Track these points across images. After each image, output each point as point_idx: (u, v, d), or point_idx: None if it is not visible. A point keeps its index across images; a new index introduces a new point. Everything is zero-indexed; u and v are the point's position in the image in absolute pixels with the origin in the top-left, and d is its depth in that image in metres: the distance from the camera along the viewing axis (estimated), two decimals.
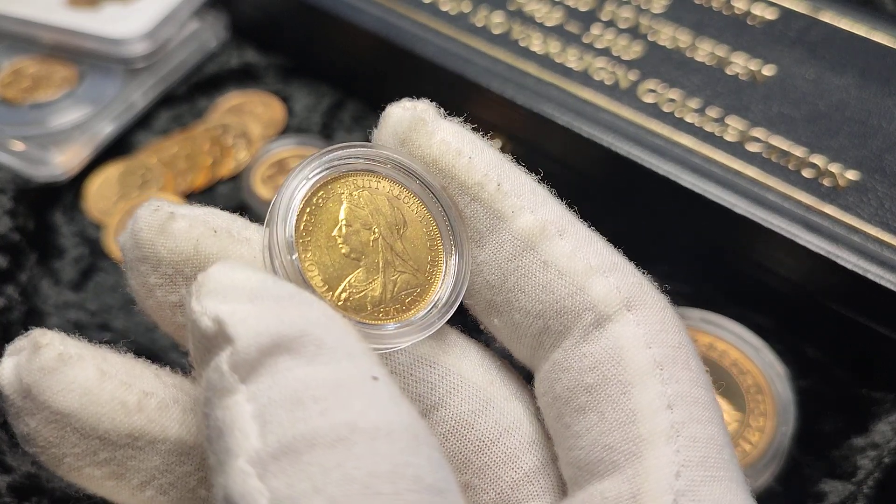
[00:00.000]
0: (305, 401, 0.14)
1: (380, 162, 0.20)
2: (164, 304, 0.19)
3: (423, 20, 0.36)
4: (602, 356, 0.18)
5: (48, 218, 0.36)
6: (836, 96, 0.31)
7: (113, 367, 0.18)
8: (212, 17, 0.42)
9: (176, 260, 0.18)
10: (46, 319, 0.32)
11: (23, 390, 0.17)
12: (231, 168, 0.37)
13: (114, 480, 0.18)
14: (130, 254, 0.19)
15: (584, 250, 0.19)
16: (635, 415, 0.17)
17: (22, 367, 0.17)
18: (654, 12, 0.35)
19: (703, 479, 0.17)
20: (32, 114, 0.38)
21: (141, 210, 0.19)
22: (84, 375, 0.17)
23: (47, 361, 0.17)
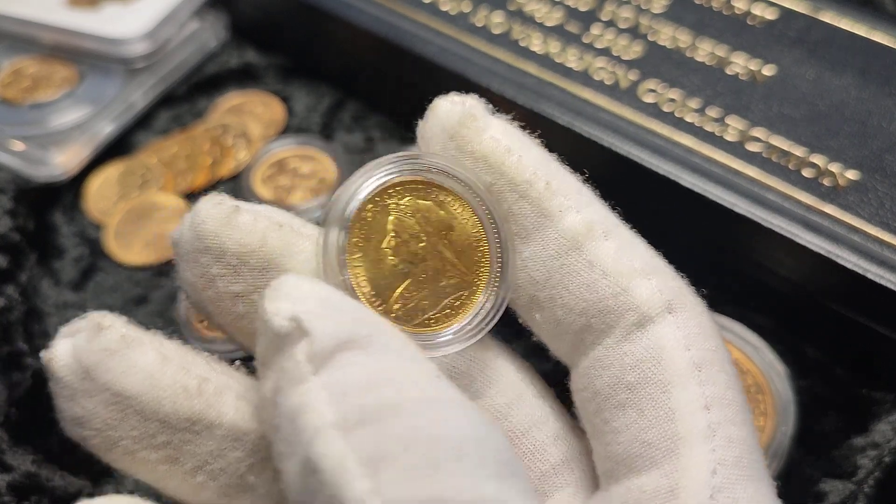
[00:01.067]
0: (379, 383, 0.15)
1: (424, 168, 0.20)
2: (225, 293, 0.19)
3: (423, 20, 0.36)
4: (643, 355, 0.19)
5: (48, 218, 0.36)
6: (836, 96, 0.31)
7: (171, 352, 0.18)
8: (212, 17, 0.42)
9: (242, 251, 0.19)
10: (46, 319, 0.32)
11: (82, 371, 0.17)
12: (231, 168, 0.37)
13: (167, 465, 0.18)
14: (189, 245, 0.19)
15: (628, 252, 0.20)
16: (674, 413, 0.18)
17: (81, 348, 0.17)
18: (654, 12, 0.35)
19: (738, 477, 0.18)
20: (32, 114, 0.38)
21: (202, 204, 0.19)
22: (146, 358, 0.18)
23: (110, 343, 0.17)
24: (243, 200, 0.35)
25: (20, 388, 0.29)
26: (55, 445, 0.29)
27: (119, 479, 0.28)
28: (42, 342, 0.31)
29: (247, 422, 0.18)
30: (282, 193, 0.36)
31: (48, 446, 0.28)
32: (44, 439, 0.29)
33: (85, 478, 0.28)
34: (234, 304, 0.19)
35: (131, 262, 0.34)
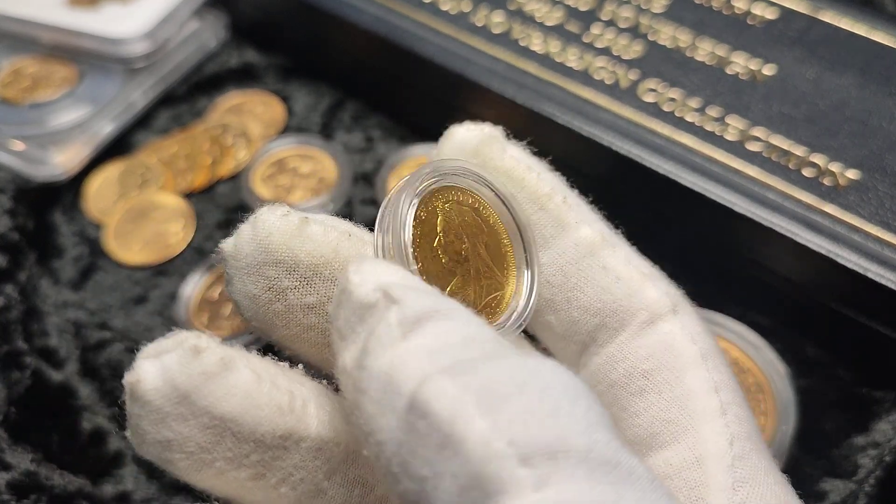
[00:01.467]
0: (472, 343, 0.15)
1: (462, 175, 0.20)
2: (297, 306, 0.19)
3: (423, 20, 0.36)
4: (657, 347, 0.21)
5: (48, 217, 0.36)
6: (837, 96, 0.31)
7: (260, 368, 0.18)
8: (211, 16, 0.42)
9: (316, 262, 0.19)
10: (46, 319, 0.32)
11: (178, 396, 0.17)
12: (231, 167, 0.37)
13: (254, 481, 0.18)
14: (252, 258, 0.19)
15: (636, 261, 0.22)
16: (690, 394, 0.20)
17: (177, 372, 0.17)
18: (654, 12, 0.35)
19: (752, 449, 0.19)
20: (32, 113, 0.38)
21: (265, 214, 0.19)
22: (244, 379, 0.17)
23: (210, 366, 0.17)
24: (244, 200, 0.35)
25: (19, 387, 0.29)
26: (54, 444, 0.29)
27: (118, 478, 0.28)
28: (41, 341, 0.31)
29: (327, 431, 0.18)
30: (281, 193, 0.36)
31: (47, 445, 0.28)
32: (43, 438, 0.29)
33: (84, 476, 0.28)
34: (306, 316, 0.19)
35: (131, 262, 0.34)
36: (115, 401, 0.30)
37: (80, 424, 0.29)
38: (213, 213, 0.36)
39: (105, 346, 0.31)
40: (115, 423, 0.29)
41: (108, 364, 0.31)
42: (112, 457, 0.29)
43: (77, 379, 0.30)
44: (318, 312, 0.19)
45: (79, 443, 0.29)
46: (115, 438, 0.29)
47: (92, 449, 0.29)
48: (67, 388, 0.30)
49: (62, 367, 0.31)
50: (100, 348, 0.31)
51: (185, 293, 0.32)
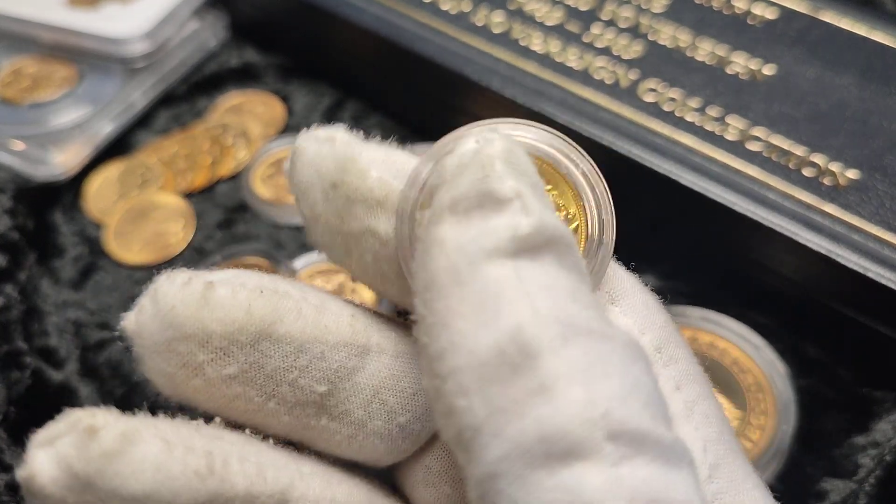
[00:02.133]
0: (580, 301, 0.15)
1: None
2: (216, 379, 0.17)
3: (423, 19, 0.36)
4: None
5: (48, 217, 0.36)
6: (837, 96, 0.31)
7: (170, 434, 0.16)
8: (211, 16, 0.42)
9: (229, 330, 0.17)
10: (46, 318, 0.32)
11: (80, 485, 0.15)
12: (231, 167, 0.37)
13: None
14: (160, 336, 0.17)
15: None
16: None
17: (74, 458, 0.15)
18: (654, 12, 0.35)
19: (726, 451, 0.17)
20: (32, 113, 0.38)
21: (164, 286, 0.17)
22: (152, 451, 0.16)
23: (110, 445, 0.15)
24: (244, 200, 0.35)
25: (19, 387, 0.29)
26: None
27: None
28: (41, 341, 0.31)
29: (254, 484, 0.17)
30: (282, 193, 0.36)
31: None
32: None
33: None
34: (228, 388, 0.18)
35: (131, 262, 0.34)
36: (115, 401, 0.30)
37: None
38: (214, 213, 0.36)
39: (105, 346, 0.31)
40: None
41: (108, 364, 0.31)
42: None
43: (77, 379, 0.30)
44: (242, 381, 0.17)
45: None
46: None
47: None
48: (67, 387, 0.30)
49: (62, 366, 0.31)
50: (100, 348, 0.31)
51: None
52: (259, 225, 0.35)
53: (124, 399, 0.30)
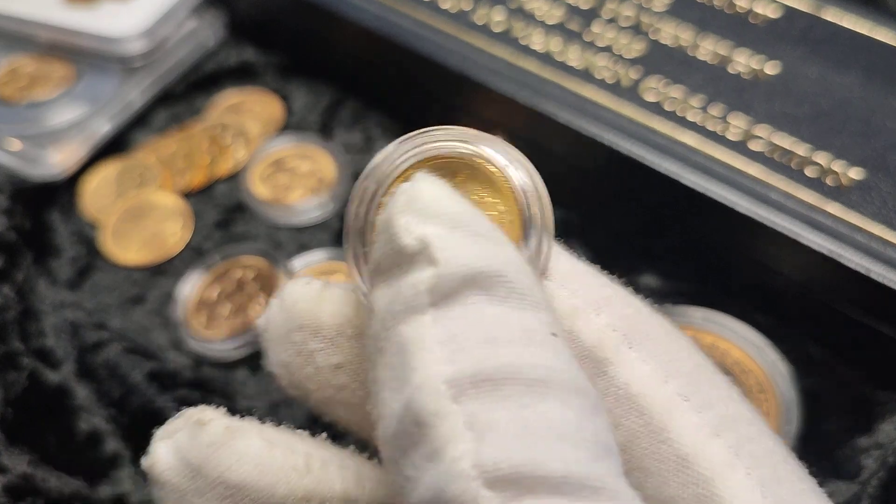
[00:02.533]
0: (498, 340, 0.14)
1: None
2: (326, 367, 0.19)
3: (422, 18, 0.35)
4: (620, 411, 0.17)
5: (45, 217, 0.36)
6: (840, 94, 0.31)
7: (274, 436, 0.18)
8: (210, 15, 0.41)
9: (338, 322, 0.18)
10: (43, 319, 0.32)
11: (191, 470, 0.17)
12: (229, 167, 0.37)
13: None
14: (281, 327, 0.19)
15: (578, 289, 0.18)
16: (685, 459, 0.16)
17: (186, 447, 0.17)
18: (655, 10, 0.35)
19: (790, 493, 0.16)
20: (29, 112, 0.38)
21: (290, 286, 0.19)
22: (254, 445, 0.17)
23: (216, 436, 0.17)
24: (242, 199, 0.35)
25: (15, 389, 0.29)
26: (51, 446, 0.28)
27: (115, 480, 0.28)
28: (38, 341, 0.31)
29: (352, 489, 0.18)
30: (280, 192, 0.36)
31: (44, 446, 0.28)
32: (39, 440, 0.28)
33: (81, 478, 0.27)
34: (335, 377, 0.19)
35: (128, 262, 0.34)
36: (112, 402, 0.30)
37: (77, 426, 0.29)
38: (212, 212, 0.36)
39: (102, 347, 0.31)
40: (112, 424, 0.29)
41: (105, 365, 0.30)
42: (109, 458, 0.28)
43: (74, 380, 0.30)
44: (347, 371, 0.19)
45: (76, 444, 0.29)
46: (112, 440, 0.29)
47: (89, 450, 0.29)
48: (64, 388, 0.30)
49: (59, 367, 0.31)
50: (97, 349, 0.31)
51: (183, 293, 0.32)
52: (257, 225, 0.35)
53: (122, 401, 0.29)
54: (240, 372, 0.30)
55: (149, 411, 0.29)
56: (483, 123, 0.34)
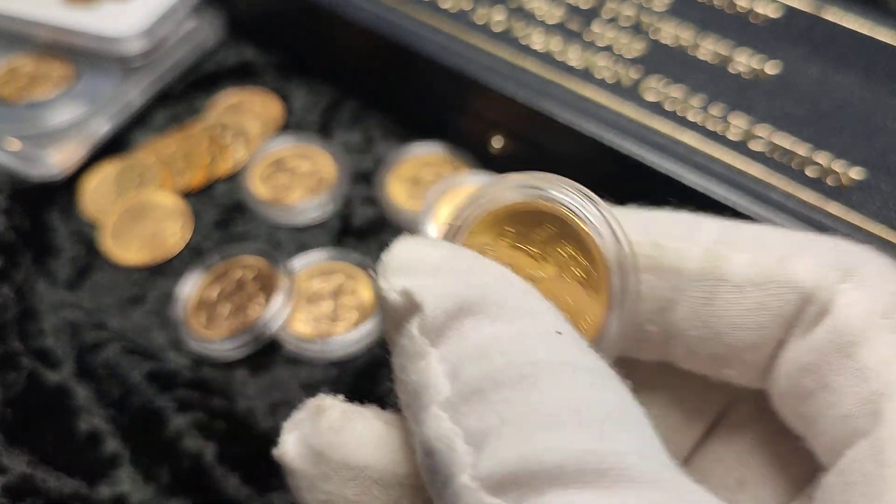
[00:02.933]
0: (491, 352, 0.15)
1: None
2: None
3: (422, 17, 0.35)
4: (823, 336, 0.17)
5: (44, 217, 0.36)
6: (840, 94, 0.31)
7: (391, 418, 0.18)
8: (209, 14, 0.41)
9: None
10: (42, 319, 0.32)
11: (316, 455, 0.17)
12: (229, 167, 0.37)
13: None
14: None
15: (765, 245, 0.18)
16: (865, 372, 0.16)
17: (309, 434, 0.18)
18: (656, 10, 0.35)
19: None
20: (28, 112, 0.38)
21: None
22: (372, 426, 0.18)
23: (335, 420, 0.17)
24: (242, 199, 0.35)
25: (15, 389, 0.29)
26: (50, 446, 0.28)
27: (114, 480, 0.28)
28: (37, 342, 0.31)
29: None
30: (280, 192, 0.36)
31: (43, 447, 0.28)
32: (39, 440, 0.28)
33: (80, 478, 0.27)
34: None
35: (128, 262, 0.34)
36: (111, 402, 0.30)
37: (76, 426, 0.29)
38: (211, 212, 0.36)
39: (102, 347, 0.31)
40: (111, 424, 0.29)
41: (104, 365, 0.30)
42: (108, 458, 0.28)
43: (74, 380, 0.30)
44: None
45: (75, 444, 0.29)
46: (111, 440, 0.29)
47: (88, 451, 0.29)
48: (64, 389, 0.30)
49: (58, 368, 0.30)
50: (96, 349, 0.31)
51: (183, 293, 0.32)
52: (257, 225, 0.35)
53: (121, 401, 0.29)
54: (239, 372, 0.30)
55: (148, 411, 0.29)
56: (483, 123, 0.35)
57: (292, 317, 0.31)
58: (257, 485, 0.28)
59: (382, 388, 0.30)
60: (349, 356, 0.31)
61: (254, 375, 0.30)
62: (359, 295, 0.32)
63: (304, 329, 0.31)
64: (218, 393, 0.30)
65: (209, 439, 0.28)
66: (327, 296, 0.32)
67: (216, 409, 0.29)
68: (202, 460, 0.28)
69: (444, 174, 0.36)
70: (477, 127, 0.35)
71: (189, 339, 0.31)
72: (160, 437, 0.28)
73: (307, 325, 0.31)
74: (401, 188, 0.35)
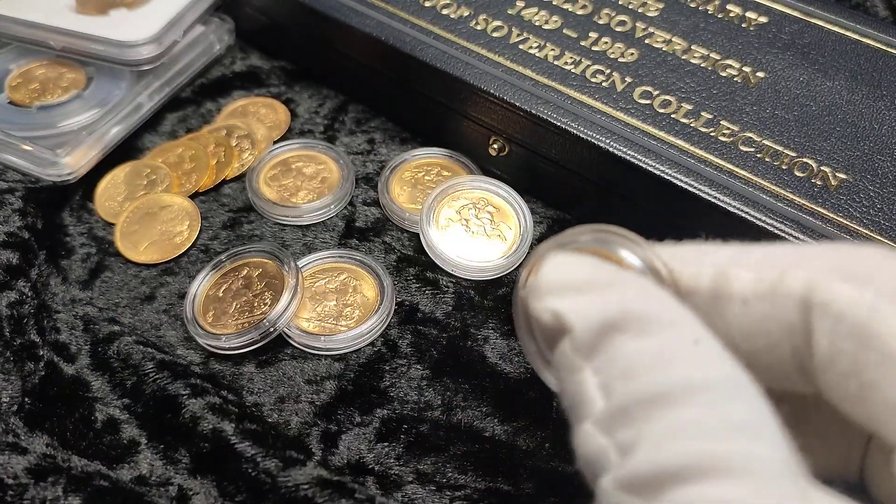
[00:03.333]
0: (636, 369, 0.16)
1: None
2: None
3: (424, 25, 0.36)
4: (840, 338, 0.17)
5: (56, 218, 0.36)
6: (828, 99, 0.32)
7: None
8: (217, 21, 0.42)
9: None
10: (56, 315, 0.33)
11: None
12: (236, 169, 0.38)
13: None
14: None
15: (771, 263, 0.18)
16: (892, 358, 0.16)
17: None
18: (649, 16, 0.36)
19: None
20: (41, 116, 0.38)
21: None
22: None
23: None
24: (244, 207, 0.36)
25: (33, 379, 0.30)
26: (69, 433, 0.29)
27: (133, 464, 0.28)
28: (52, 336, 0.32)
29: None
30: (286, 194, 0.36)
31: (62, 434, 0.29)
32: (58, 427, 0.29)
33: (99, 462, 0.28)
34: None
35: (138, 261, 0.35)
36: (126, 392, 0.30)
37: (93, 415, 0.30)
38: (219, 213, 0.36)
39: (114, 339, 0.31)
40: (127, 412, 0.30)
41: (117, 356, 0.31)
42: (127, 444, 0.29)
43: (88, 371, 0.31)
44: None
45: (93, 432, 0.29)
46: (128, 427, 0.29)
47: (107, 436, 0.29)
48: (80, 379, 0.31)
49: (74, 360, 0.31)
50: (109, 341, 0.31)
51: (192, 292, 0.33)
52: (264, 225, 0.36)
53: (134, 389, 0.30)
54: (246, 367, 0.31)
55: (162, 399, 0.29)
56: (482, 127, 0.35)
57: (297, 314, 0.32)
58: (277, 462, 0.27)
59: (385, 383, 0.31)
60: (353, 352, 0.31)
61: (260, 371, 0.31)
62: (362, 293, 0.33)
63: (308, 326, 0.32)
64: (226, 387, 0.30)
65: (226, 418, 0.28)
66: (331, 294, 0.33)
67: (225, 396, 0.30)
68: (221, 439, 0.28)
69: (444, 177, 0.37)
70: (476, 131, 0.36)
71: (198, 336, 0.32)
72: (177, 421, 0.29)
73: (312, 323, 0.32)
74: (402, 190, 0.36)
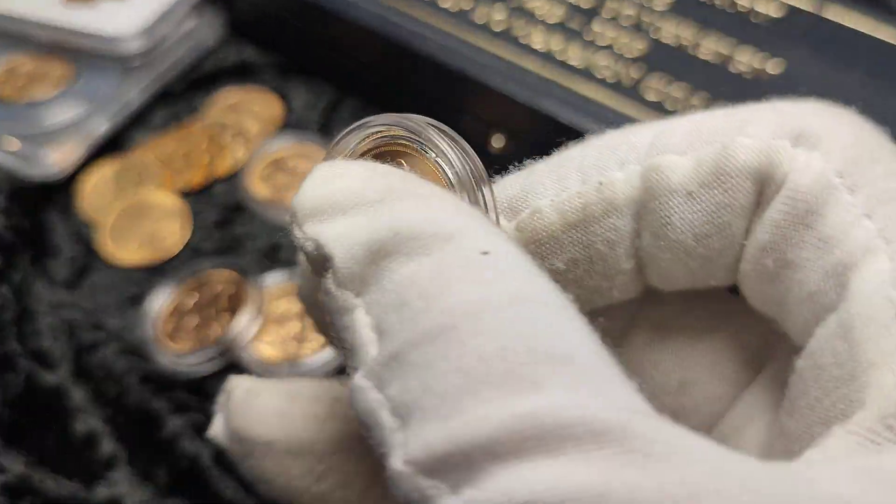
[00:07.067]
0: (410, 299, 0.12)
1: None
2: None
3: (422, 17, 0.36)
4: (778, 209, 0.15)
5: (43, 217, 0.35)
6: (841, 94, 0.31)
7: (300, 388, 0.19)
8: (209, 14, 0.41)
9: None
10: (40, 319, 0.32)
11: (234, 436, 0.18)
12: (228, 166, 0.37)
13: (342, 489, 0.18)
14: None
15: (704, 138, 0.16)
16: (826, 242, 0.14)
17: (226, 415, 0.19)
18: (656, 9, 0.35)
19: None
20: (27, 112, 0.38)
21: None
22: (273, 401, 0.18)
23: (239, 399, 0.18)
24: (241, 199, 0.35)
25: (13, 390, 0.29)
26: (47, 447, 0.28)
27: (111, 482, 0.28)
28: (35, 342, 0.31)
29: None
30: (280, 192, 0.36)
31: (41, 448, 0.28)
32: (36, 441, 0.28)
33: (77, 480, 0.27)
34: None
35: (127, 261, 0.34)
36: (108, 402, 0.30)
37: (73, 427, 0.29)
38: (211, 212, 0.36)
39: (99, 347, 0.31)
40: (108, 425, 0.29)
41: (101, 366, 0.30)
42: (105, 460, 0.28)
43: (70, 381, 0.30)
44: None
45: (72, 445, 0.29)
46: (108, 441, 0.29)
47: (85, 452, 0.29)
48: (61, 390, 0.30)
49: (55, 368, 0.30)
50: (93, 349, 0.31)
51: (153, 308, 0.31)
52: (256, 225, 0.35)
53: (117, 400, 0.29)
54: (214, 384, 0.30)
55: (144, 412, 0.29)
56: (483, 122, 0.35)
57: (259, 338, 0.31)
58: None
59: None
60: None
61: None
62: None
63: (270, 351, 0.30)
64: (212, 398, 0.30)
65: (206, 441, 0.28)
66: (294, 317, 0.32)
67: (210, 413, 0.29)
68: (199, 461, 0.28)
69: None
70: (477, 126, 0.35)
71: (160, 354, 0.30)
72: (157, 438, 0.28)
73: (274, 347, 0.31)
74: None
